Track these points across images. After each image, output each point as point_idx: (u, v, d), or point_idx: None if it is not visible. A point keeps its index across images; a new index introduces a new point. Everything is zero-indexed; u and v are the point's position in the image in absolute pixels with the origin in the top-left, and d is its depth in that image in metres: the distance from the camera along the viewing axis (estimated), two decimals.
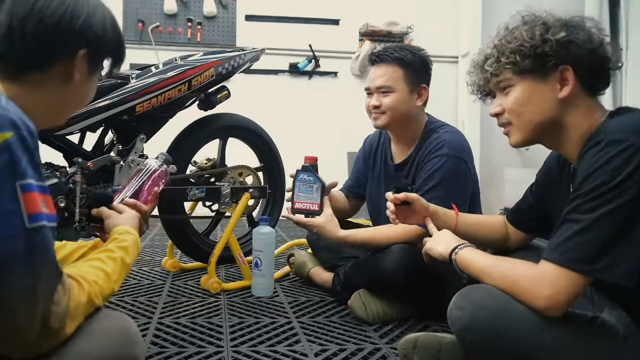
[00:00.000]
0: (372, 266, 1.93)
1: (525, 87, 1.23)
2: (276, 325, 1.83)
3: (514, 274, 1.20)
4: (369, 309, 1.88)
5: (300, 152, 2.61)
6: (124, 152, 2.02)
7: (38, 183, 0.83)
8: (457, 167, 1.91)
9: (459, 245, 1.37)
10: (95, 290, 0.95)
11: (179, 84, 2.06)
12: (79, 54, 0.96)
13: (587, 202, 1.08)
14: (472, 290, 1.26)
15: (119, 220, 1.23)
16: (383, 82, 1.97)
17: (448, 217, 1.63)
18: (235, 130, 2.48)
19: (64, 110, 1.05)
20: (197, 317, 1.89)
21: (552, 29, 1.20)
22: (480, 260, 1.30)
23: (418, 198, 1.60)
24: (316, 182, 1.95)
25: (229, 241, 2.25)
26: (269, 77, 4.93)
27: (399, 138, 2.10)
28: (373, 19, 4.93)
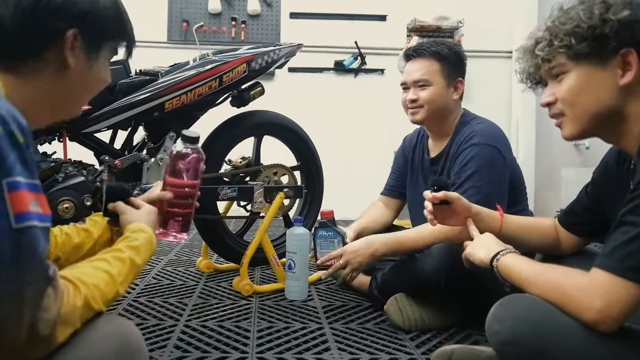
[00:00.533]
0: (411, 268, 1.82)
1: (580, 73, 1.10)
2: (306, 331, 1.74)
3: (562, 283, 1.07)
4: (405, 315, 1.77)
5: (347, 152, 2.52)
6: (153, 151, 1.98)
7: (28, 181, 0.77)
8: (489, 155, 1.82)
9: (501, 250, 1.26)
10: (94, 294, 0.88)
11: (209, 80, 2.00)
12: (68, 36, 0.90)
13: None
14: (514, 300, 1.13)
15: (134, 217, 1.16)
16: (420, 76, 1.95)
17: (492, 218, 1.51)
18: (271, 127, 2.40)
19: (71, 100, 1.00)
20: (226, 321, 1.82)
21: (614, 8, 1.06)
22: (525, 267, 1.18)
23: (459, 197, 1.48)
24: (336, 236, 1.95)
25: (262, 242, 2.18)
26: (313, 75, 4.88)
27: (435, 133, 2.05)
28: (422, 13, 4.79)
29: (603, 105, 1.09)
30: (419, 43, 2.05)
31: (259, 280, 2.37)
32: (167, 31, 4.70)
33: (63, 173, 1.74)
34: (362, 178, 4.12)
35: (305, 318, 1.87)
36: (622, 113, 1.09)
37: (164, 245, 3.17)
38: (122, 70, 1.90)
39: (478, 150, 1.82)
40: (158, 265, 2.62)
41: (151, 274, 2.44)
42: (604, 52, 1.07)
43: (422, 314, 1.77)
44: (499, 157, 1.84)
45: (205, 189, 2.10)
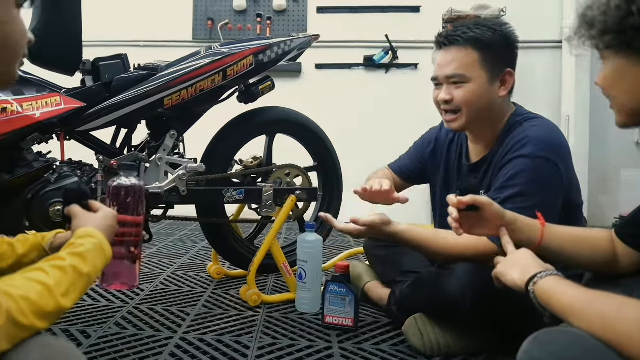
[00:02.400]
0: (433, 286, 1.61)
1: (614, 65, 0.95)
2: (312, 351, 1.57)
3: (615, 317, 0.86)
4: (426, 338, 1.57)
5: (377, 152, 2.34)
6: (152, 150, 1.85)
7: None
8: (541, 170, 1.50)
9: (540, 272, 1.05)
10: (22, 307, 0.76)
11: (212, 73, 1.86)
12: None
13: None
14: (552, 336, 0.92)
15: (85, 221, 1.03)
16: (454, 70, 1.58)
17: (531, 229, 1.29)
18: (284, 125, 2.24)
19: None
20: (226, 334, 1.68)
21: None
22: (569, 294, 0.97)
23: (490, 202, 1.28)
24: (348, 294, 1.74)
25: (271, 248, 2.03)
26: (342, 71, 4.72)
27: (478, 138, 1.72)
28: (459, 3, 4.53)
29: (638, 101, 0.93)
30: (455, 27, 1.68)
31: (270, 289, 2.22)
32: (192, 30, 4.63)
33: (57, 173, 1.63)
34: None
35: (314, 335, 1.71)
36: None
37: (178, 248, 3.07)
38: (120, 65, 1.78)
39: (529, 163, 1.50)
40: (169, 269, 2.51)
41: (159, 279, 2.32)
42: (634, 44, 0.90)
43: (446, 337, 1.56)
44: (553, 173, 1.51)
45: (211, 191, 1.97)
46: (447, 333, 1.56)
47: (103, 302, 1.95)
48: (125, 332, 1.67)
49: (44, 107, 1.55)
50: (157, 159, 1.84)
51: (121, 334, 1.65)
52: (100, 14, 4.52)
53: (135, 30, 4.58)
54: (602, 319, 0.87)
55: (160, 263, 2.64)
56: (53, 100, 1.58)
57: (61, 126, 1.68)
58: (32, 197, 1.55)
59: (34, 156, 1.65)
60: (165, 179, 1.85)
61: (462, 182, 1.79)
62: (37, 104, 1.54)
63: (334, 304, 1.75)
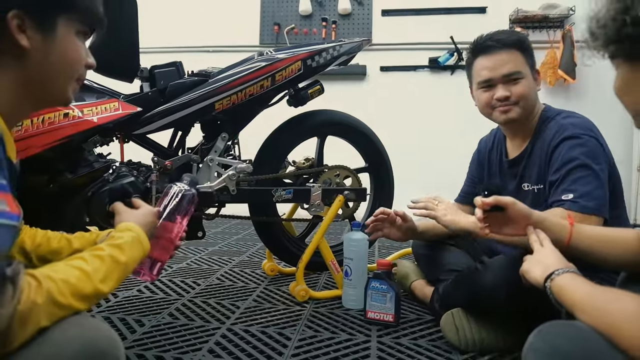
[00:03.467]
0: (470, 281, 1.64)
1: (623, 72, 0.93)
2: (350, 344, 1.63)
3: (609, 308, 0.89)
4: (461, 333, 1.60)
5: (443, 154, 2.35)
6: (205, 151, 1.96)
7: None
8: (591, 144, 1.58)
9: (558, 269, 1.07)
10: (62, 289, 0.85)
11: (261, 79, 1.95)
12: (10, 18, 0.89)
13: None
14: (555, 328, 0.95)
15: (127, 217, 1.14)
16: (512, 69, 1.69)
17: (559, 227, 1.31)
18: (335, 128, 2.30)
19: (46, 83, 0.98)
20: (271, 327, 1.76)
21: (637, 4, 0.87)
22: (580, 290, 1.00)
23: (513, 202, 1.31)
24: (389, 290, 1.80)
25: (319, 246, 2.09)
26: (407, 73, 4.74)
27: (516, 132, 1.80)
28: (526, 3, 4.46)
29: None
30: (489, 34, 1.76)
31: (321, 286, 2.28)
32: (260, 35, 4.79)
33: (115, 173, 1.77)
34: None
35: (355, 329, 1.76)
36: None
37: (239, 246, 3.20)
38: (175, 72, 1.90)
39: (575, 141, 1.58)
40: (227, 266, 2.63)
41: (216, 274, 2.44)
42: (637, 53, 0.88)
43: (482, 333, 1.59)
44: (598, 146, 1.59)
45: (260, 191, 2.06)
46: (482, 329, 1.58)
47: (160, 295, 2.09)
48: (177, 322, 1.78)
49: (103, 112, 1.69)
50: (208, 160, 1.95)
51: (172, 323, 1.76)
52: (174, 22, 4.78)
53: (206, 36, 4.82)
54: (597, 311, 0.90)
55: (220, 260, 2.77)
56: (112, 106, 1.72)
57: (120, 129, 1.82)
58: (91, 194, 1.69)
59: (95, 157, 1.79)
60: (216, 179, 1.96)
61: (507, 181, 1.82)
62: (97, 109, 1.68)
63: (375, 300, 1.80)
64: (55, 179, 1.67)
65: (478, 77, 1.75)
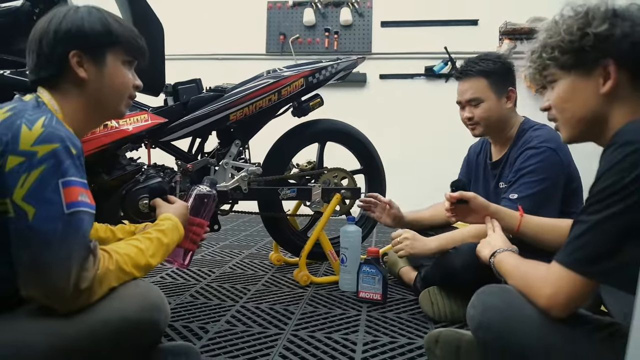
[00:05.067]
0: (445, 263, 1.97)
1: (568, 82, 1.19)
2: (344, 316, 1.95)
3: (528, 273, 1.21)
4: (435, 307, 1.93)
5: (438, 156, 2.66)
6: (220, 156, 2.29)
7: (77, 179, 1.08)
8: (545, 155, 1.89)
9: (499, 249, 1.39)
10: (125, 260, 1.17)
11: (269, 94, 2.27)
12: (71, 56, 1.20)
13: (594, 204, 1.04)
14: (488, 289, 1.27)
15: (166, 209, 1.46)
16: (471, 95, 2.05)
17: (511, 218, 1.65)
18: (333, 134, 2.63)
19: (102, 103, 1.28)
20: (277, 305, 2.08)
21: (595, 22, 1.15)
22: (510, 262, 1.32)
23: (474, 196, 1.64)
24: (377, 274, 2.11)
25: (319, 238, 2.42)
26: (405, 81, 5.05)
27: (496, 140, 2.16)
28: (515, 16, 4.76)
29: (587, 112, 1.17)
30: (466, 62, 2.12)
31: (322, 273, 2.60)
32: (266, 44, 5.11)
33: (145, 175, 2.08)
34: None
35: (348, 306, 2.08)
36: (606, 119, 1.16)
37: (248, 241, 3.52)
38: (195, 88, 2.22)
39: (535, 151, 1.91)
40: (238, 257, 2.96)
41: (229, 264, 2.77)
42: (586, 63, 1.16)
43: (453, 307, 1.92)
44: (554, 158, 1.90)
45: (268, 190, 2.39)
46: (452, 303, 1.91)
47: (181, 280, 2.42)
48: (197, 301, 2.11)
49: (135, 122, 2.01)
50: (224, 164, 2.27)
51: (194, 302, 2.09)
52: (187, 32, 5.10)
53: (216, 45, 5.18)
54: (520, 276, 1.22)
55: (232, 252, 3.10)
56: (142, 117, 2.04)
57: (148, 137, 2.14)
58: (125, 193, 2.00)
59: (127, 161, 2.10)
60: (230, 180, 2.28)
61: (489, 180, 2.18)
62: (130, 120, 1.99)
63: (366, 282, 2.12)
64: (94, 180, 1.99)
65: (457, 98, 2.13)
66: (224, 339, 1.69)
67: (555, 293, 1.09)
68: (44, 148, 1.04)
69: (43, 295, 1.05)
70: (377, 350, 1.63)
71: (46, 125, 1.06)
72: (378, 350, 1.63)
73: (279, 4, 5.12)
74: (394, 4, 5.06)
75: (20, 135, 1.04)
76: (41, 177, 1.03)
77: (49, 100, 1.20)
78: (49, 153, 1.04)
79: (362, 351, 1.62)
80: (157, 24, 2.05)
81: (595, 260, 1.03)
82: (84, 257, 1.07)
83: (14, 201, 1.02)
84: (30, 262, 1.03)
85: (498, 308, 1.21)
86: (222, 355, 1.55)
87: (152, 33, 2.09)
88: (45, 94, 1.21)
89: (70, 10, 1.23)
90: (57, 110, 1.20)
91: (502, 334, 1.18)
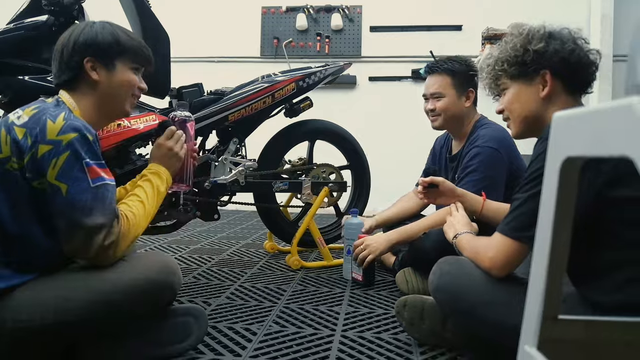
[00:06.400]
0: (416, 247, 2.24)
1: (515, 88, 1.49)
2: (330, 293, 2.22)
3: (476, 244, 1.49)
4: (410, 284, 2.20)
5: (423, 154, 2.94)
6: (220, 152, 2.55)
7: (96, 161, 1.33)
8: (488, 155, 2.15)
9: (461, 232, 1.65)
10: (139, 219, 1.43)
11: (264, 97, 2.53)
12: (86, 62, 1.45)
13: (526, 184, 1.34)
14: (445, 259, 1.55)
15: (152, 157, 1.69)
16: (435, 89, 2.35)
17: (475, 201, 1.94)
18: (321, 133, 2.90)
19: (112, 102, 1.51)
20: (271, 284, 2.34)
21: (534, 41, 1.44)
22: (467, 239, 1.59)
23: (443, 181, 1.94)
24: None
25: (309, 227, 2.68)
26: (392, 83, 5.31)
27: (454, 134, 2.43)
28: (497, 22, 5.04)
29: (529, 112, 1.46)
30: (436, 60, 2.42)
31: (312, 259, 2.87)
32: (260, 47, 5.36)
33: None
34: None
35: (335, 285, 2.35)
36: (544, 117, 1.45)
37: (244, 232, 3.78)
38: (197, 91, 2.48)
39: (479, 150, 2.18)
40: (234, 247, 3.22)
41: (226, 252, 3.03)
42: (528, 73, 1.46)
43: (424, 283, 2.18)
44: (496, 157, 2.17)
45: (262, 183, 2.65)
46: (424, 279, 2.17)
47: (183, 265, 2.68)
48: (199, 282, 2.37)
49: (145, 122, 2.26)
50: (223, 159, 2.53)
51: (196, 282, 2.35)
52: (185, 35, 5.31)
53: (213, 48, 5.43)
54: (471, 247, 1.50)
55: (229, 242, 3.36)
56: (150, 118, 2.29)
57: (155, 135, 2.38)
58: None
59: (137, 156, 2.34)
60: (229, 174, 2.54)
61: (448, 171, 2.43)
62: (140, 120, 2.24)
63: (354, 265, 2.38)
64: None
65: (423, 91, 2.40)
66: (225, 309, 1.95)
67: (495, 255, 1.37)
68: (66, 137, 1.28)
69: (81, 251, 1.30)
70: (357, 319, 1.89)
71: (66, 118, 1.31)
72: (357, 318, 1.90)
73: (272, 9, 5.37)
74: (383, 9, 5.33)
75: (47, 128, 1.29)
76: (67, 160, 1.28)
77: (68, 99, 1.44)
78: (71, 141, 1.29)
79: (344, 319, 1.88)
80: (164, 35, 2.30)
81: (525, 228, 1.30)
82: (111, 219, 1.32)
83: (48, 180, 1.27)
84: (68, 227, 1.28)
85: (452, 273, 1.48)
86: (223, 322, 1.81)
87: (159, 43, 2.34)
88: (65, 95, 1.45)
89: (87, 26, 1.48)
90: (75, 108, 1.44)
91: (454, 294, 1.45)
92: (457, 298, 1.45)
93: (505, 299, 1.38)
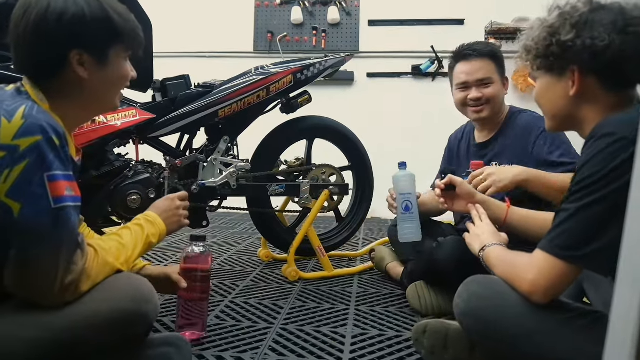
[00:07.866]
0: (428, 258, 1.98)
1: (544, 82, 1.28)
2: (333, 311, 1.96)
3: (512, 262, 1.24)
4: (422, 300, 1.94)
5: (423, 153, 2.71)
6: (209, 152, 2.29)
7: (63, 172, 1.07)
8: (562, 135, 1.93)
9: (488, 244, 1.41)
10: (110, 254, 1.20)
11: (257, 90, 2.28)
12: (72, 56, 1.14)
13: (576, 192, 1.10)
14: (474, 279, 1.30)
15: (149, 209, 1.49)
16: (484, 75, 2.06)
17: (498, 208, 1.67)
18: (321, 131, 2.64)
19: (100, 100, 1.24)
20: (266, 300, 2.08)
21: (564, 31, 1.20)
22: (496, 254, 1.34)
23: (461, 182, 1.68)
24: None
25: (308, 234, 2.43)
26: (392, 79, 5.08)
27: (486, 125, 2.15)
28: (500, 16, 4.81)
29: (559, 109, 1.26)
30: (468, 45, 2.12)
31: (310, 269, 2.62)
32: (254, 42, 5.12)
33: (133, 171, 2.09)
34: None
35: (337, 300, 2.10)
36: (578, 118, 1.24)
37: (236, 238, 3.53)
38: (183, 84, 2.23)
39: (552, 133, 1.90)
40: (226, 254, 2.96)
41: (217, 260, 2.77)
42: (556, 68, 1.23)
43: (439, 300, 1.93)
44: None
45: (256, 186, 2.39)
46: (439, 296, 1.93)
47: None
48: None
49: (123, 118, 2.01)
50: (212, 160, 2.27)
51: None
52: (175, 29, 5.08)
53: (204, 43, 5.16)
54: (504, 265, 1.26)
55: (220, 249, 3.10)
56: (130, 113, 2.04)
57: (136, 133, 2.14)
58: (113, 189, 2.01)
59: (115, 157, 2.10)
60: (219, 176, 2.29)
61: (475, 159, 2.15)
62: (118, 116, 1.99)
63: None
64: (82, 176, 1.99)
65: (457, 79, 2.12)
66: (214, 333, 1.70)
67: (537, 278, 1.13)
68: (25, 141, 1.02)
69: (30, 290, 1.05)
70: (366, 343, 1.64)
71: (26, 115, 1.04)
72: (367, 343, 1.65)
73: (266, 2, 5.12)
74: (382, 2, 5.08)
75: (0, 129, 1.02)
76: (25, 171, 1.01)
77: (32, 90, 1.14)
78: (31, 146, 1.02)
79: (350, 344, 1.63)
80: (145, 20, 2.05)
81: (575, 246, 1.07)
82: (73, 251, 1.08)
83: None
84: (17, 257, 1.03)
85: (483, 296, 1.24)
86: (211, 349, 1.55)
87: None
88: (29, 83, 1.15)
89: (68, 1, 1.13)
90: (42, 100, 1.14)
91: (486, 321, 1.22)
92: (489, 326, 1.21)
93: (551, 329, 1.14)
